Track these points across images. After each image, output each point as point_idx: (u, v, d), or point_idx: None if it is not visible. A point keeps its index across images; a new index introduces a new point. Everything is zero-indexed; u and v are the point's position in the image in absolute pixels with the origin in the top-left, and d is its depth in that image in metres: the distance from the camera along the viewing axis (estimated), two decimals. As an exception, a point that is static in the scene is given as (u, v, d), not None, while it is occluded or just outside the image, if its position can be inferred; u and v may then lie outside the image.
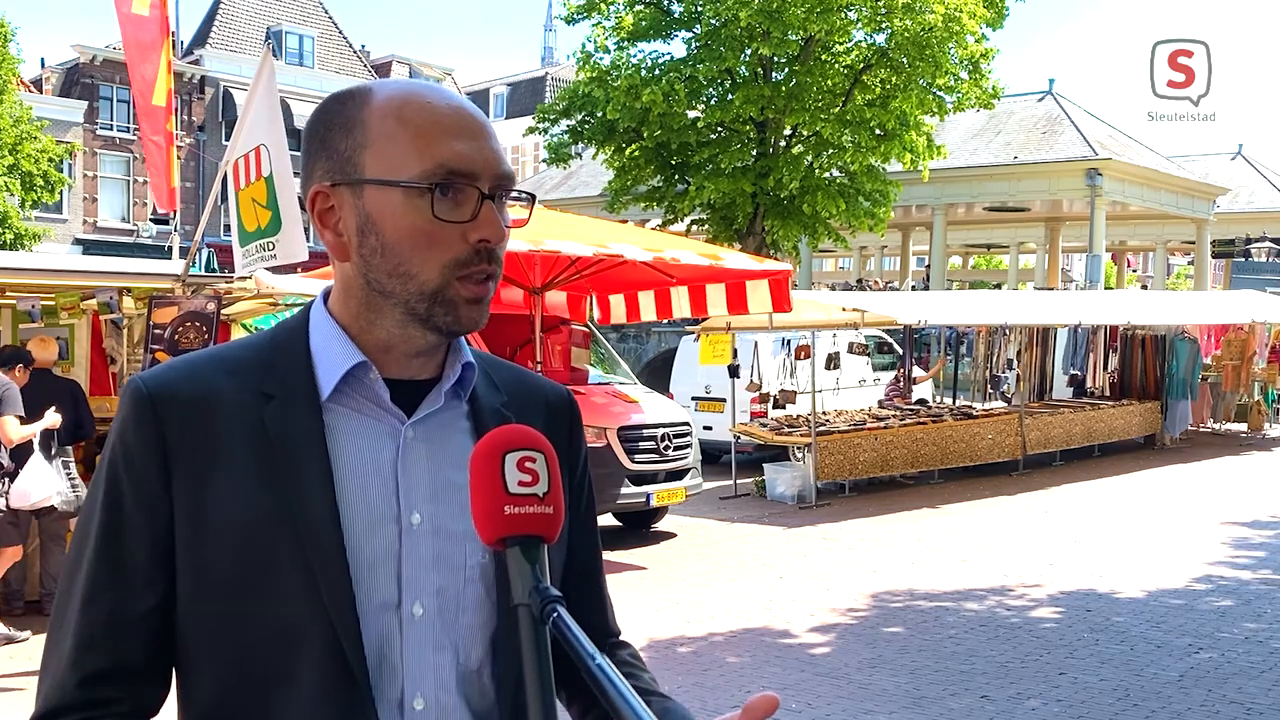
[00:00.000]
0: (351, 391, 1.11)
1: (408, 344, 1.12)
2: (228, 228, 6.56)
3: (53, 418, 6.40)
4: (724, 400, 12.95)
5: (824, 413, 12.59)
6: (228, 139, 12.79)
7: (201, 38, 36.06)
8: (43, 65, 35.92)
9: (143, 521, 1.05)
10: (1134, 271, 48.09)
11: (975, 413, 13.56)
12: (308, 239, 5.56)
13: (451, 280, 1.08)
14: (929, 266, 31.39)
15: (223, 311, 7.27)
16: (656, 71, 19.61)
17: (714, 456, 12.86)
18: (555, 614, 0.88)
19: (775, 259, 13.18)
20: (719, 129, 20.24)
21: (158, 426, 1.06)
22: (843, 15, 18.81)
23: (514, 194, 1.13)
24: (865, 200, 20.23)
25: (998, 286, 36.67)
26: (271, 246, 5.97)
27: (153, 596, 1.05)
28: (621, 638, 1.33)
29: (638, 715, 0.83)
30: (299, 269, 8.84)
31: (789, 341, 13.50)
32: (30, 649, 5.96)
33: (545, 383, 1.29)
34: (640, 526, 9.94)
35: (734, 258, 9.20)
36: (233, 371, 1.10)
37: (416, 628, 1.08)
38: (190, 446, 1.06)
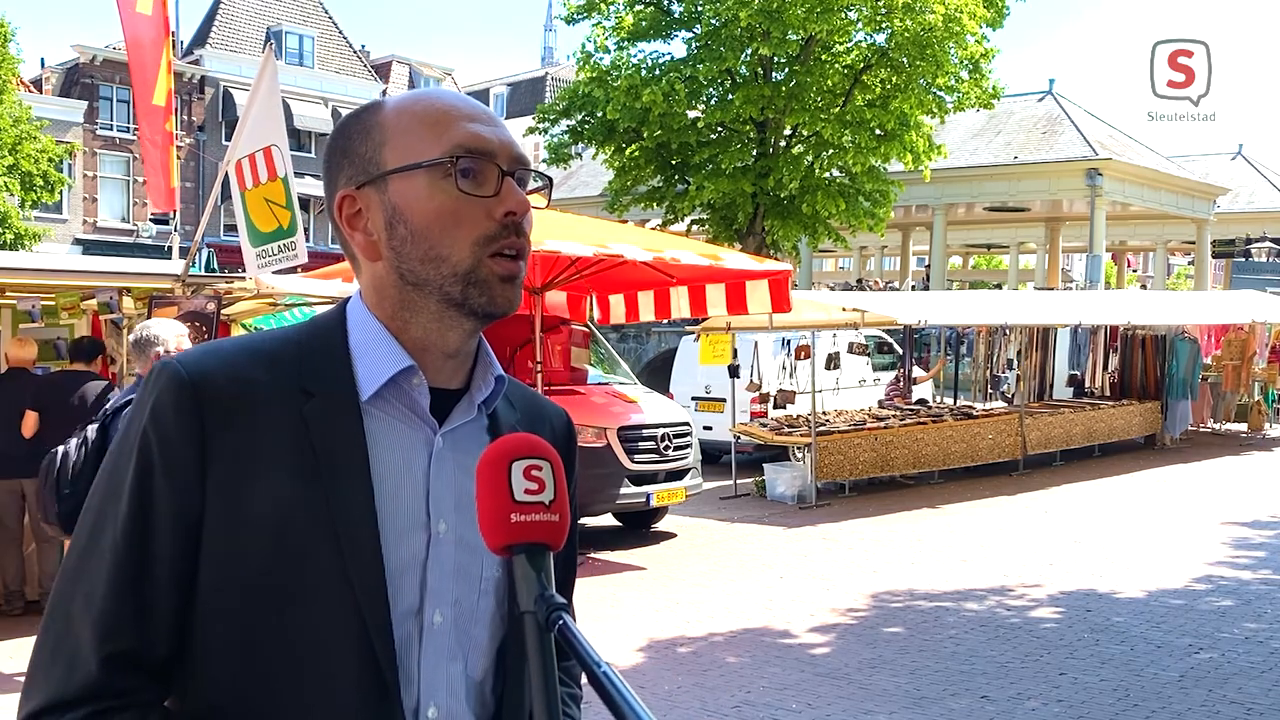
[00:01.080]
0: (391, 396, 1.11)
1: (444, 341, 1.12)
2: (229, 228, 6.60)
3: None
4: (724, 400, 12.95)
5: (824, 413, 12.59)
6: (228, 139, 12.77)
7: (201, 38, 36.05)
8: (43, 65, 35.91)
9: (174, 511, 1.03)
10: (1134, 271, 48.10)
11: (975, 413, 13.56)
12: (309, 240, 5.62)
13: (482, 258, 1.09)
14: (929, 266, 31.40)
15: (223, 311, 7.27)
16: (656, 71, 19.60)
17: (714, 456, 12.85)
18: (560, 621, 0.88)
19: (775, 259, 13.18)
20: (719, 129, 20.24)
21: (198, 414, 1.03)
22: (843, 15, 18.80)
23: (532, 177, 1.14)
24: (865, 200, 20.23)
25: (998, 286, 36.67)
26: (293, 246, 6.02)
27: (178, 590, 1.04)
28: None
29: None
30: (299, 269, 8.85)
31: (789, 341, 13.50)
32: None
33: (549, 404, 1.31)
34: (640, 526, 9.94)
35: (734, 258, 9.20)
36: (269, 364, 1.09)
37: (435, 636, 1.08)
38: (229, 439, 1.04)
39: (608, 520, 9.91)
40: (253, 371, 1.07)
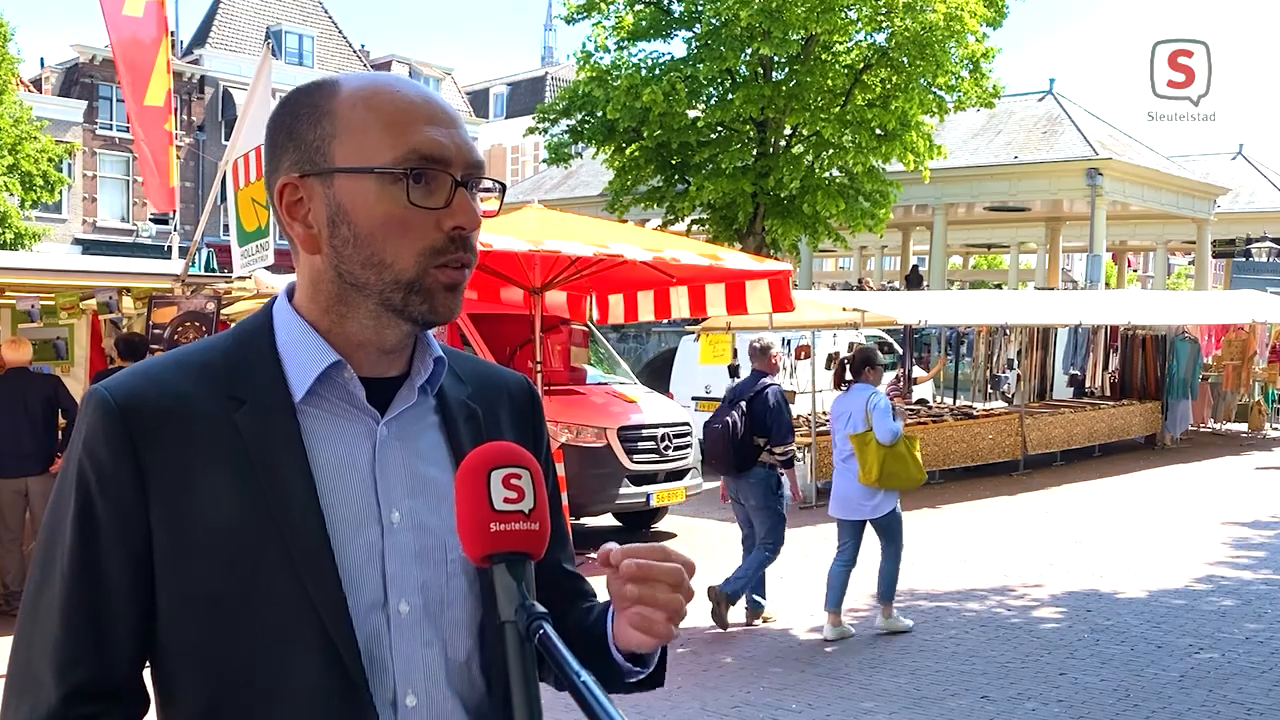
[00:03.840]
0: (325, 392, 1.09)
1: (380, 339, 1.11)
2: (227, 227, 6.58)
3: None
4: (724, 400, 12.92)
5: (824, 413, 12.58)
6: (228, 139, 12.78)
7: (201, 37, 36.05)
8: (42, 65, 35.92)
9: (119, 538, 1.02)
10: (1134, 271, 48.06)
11: (975, 413, 13.56)
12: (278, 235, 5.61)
13: (428, 268, 1.07)
14: (916, 266, 31.43)
15: (222, 311, 7.27)
16: (656, 71, 19.58)
17: (714, 456, 12.82)
18: (541, 631, 0.88)
19: (775, 259, 13.17)
20: (719, 129, 20.22)
21: (129, 439, 1.03)
22: (843, 15, 18.78)
23: (485, 184, 1.12)
24: (865, 200, 20.21)
25: (998, 287, 36.65)
26: (266, 247, 6.01)
27: (133, 613, 1.03)
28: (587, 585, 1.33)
29: None
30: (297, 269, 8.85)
31: (789, 341, 13.49)
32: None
33: (505, 372, 1.29)
34: (640, 526, 9.94)
35: (734, 258, 9.17)
36: (198, 376, 1.07)
37: (404, 625, 1.07)
38: (164, 458, 1.03)
39: (608, 520, 9.90)
40: (181, 386, 1.06)
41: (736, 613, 6.79)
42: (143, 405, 1.04)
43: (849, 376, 6.73)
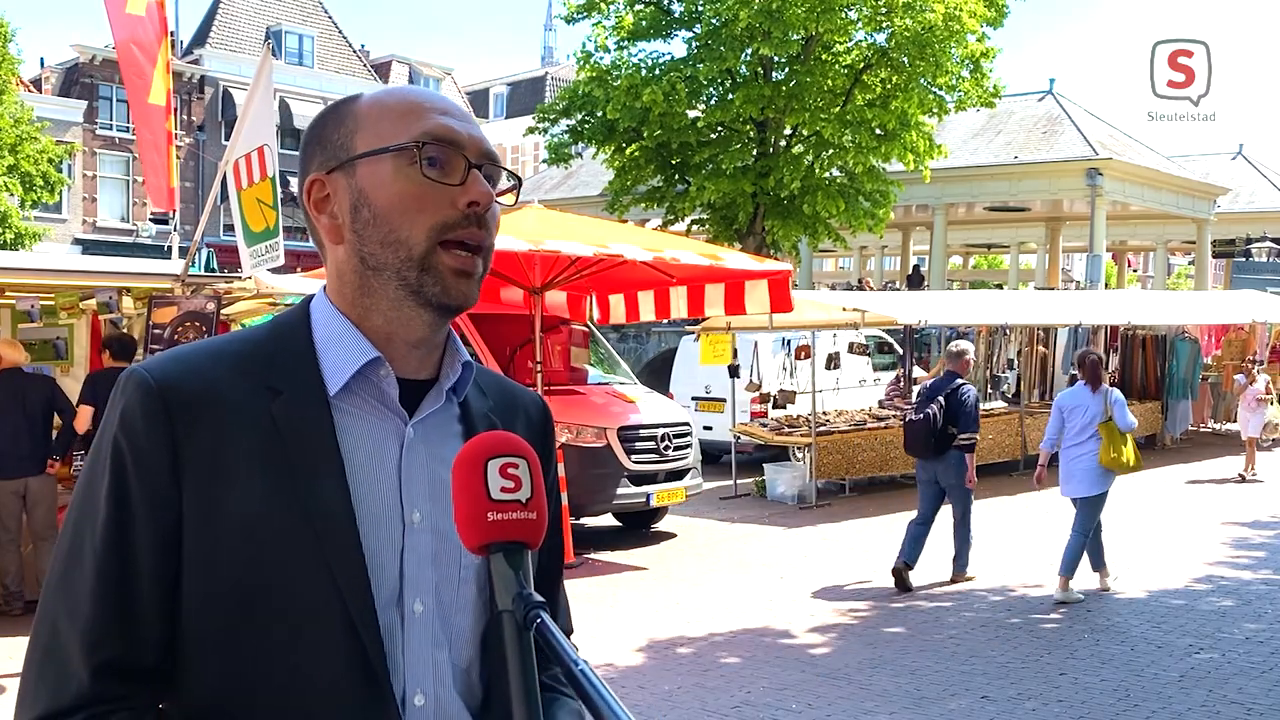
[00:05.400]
0: (359, 389, 1.11)
1: (406, 329, 1.13)
2: (228, 228, 6.58)
3: None
4: (724, 400, 12.94)
5: (824, 413, 12.58)
6: (227, 139, 12.76)
7: (201, 37, 36.05)
8: (42, 65, 35.91)
9: (151, 518, 1.03)
10: (1134, 271, 48.06)
11: (975, 413, 13.53)
12: (296, 237, 5.61)
13: (436, 247, 1.09)
14: (917, 266, 31.40)
15: (222, 311, 7.27)
16: (657, 71, 19.58)
17: (714, 456, 12.85)
18: (538, 620, 0.89)
19: (775, 259, 13.17)
20: (719, 129, 20.21)
21: (168, 421, 1.04)
22: (843, 15, 18.78)
23: (503, 176, 1.15)
24: (865, 200, 20.21)
25: (998, 286, 36.65)
26: (276, 247, 6.01)
27: (161, 596, 1.04)
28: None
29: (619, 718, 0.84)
30: (299, 269, 8.85)
31: (789, 341, 13.50)
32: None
33: (523, 391, 1.32)
34: (640, 526, 9.93)
35: (734, 258, 9.19)
36: (236, 365, 1.09)
37: (417, 624, 1.09)
38: (201, 442, 1.04)
39: (608, 520, 9.90)
40: (219, 373, 1.08)
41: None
42: (181, 388, 1.05)
43: (1087, 377, 7.73)
